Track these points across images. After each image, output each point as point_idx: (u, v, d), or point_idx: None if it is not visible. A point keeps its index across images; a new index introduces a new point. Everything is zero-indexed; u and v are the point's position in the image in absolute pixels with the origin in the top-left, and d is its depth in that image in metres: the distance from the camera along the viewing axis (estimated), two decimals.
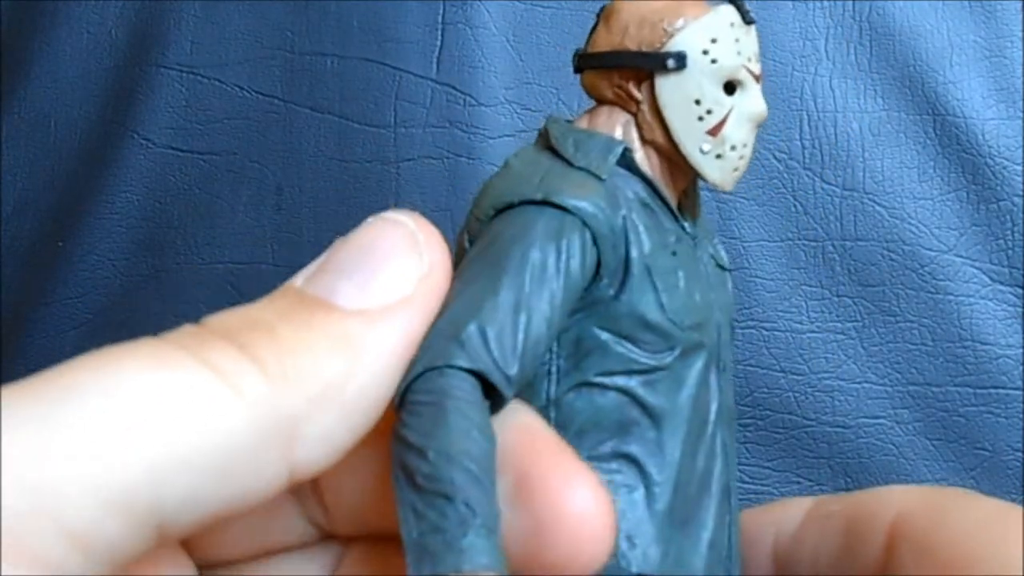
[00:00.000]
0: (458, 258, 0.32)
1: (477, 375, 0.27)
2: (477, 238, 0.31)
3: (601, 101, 0.34)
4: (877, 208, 0.67)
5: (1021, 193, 0.66)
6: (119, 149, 0.71)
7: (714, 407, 0.32)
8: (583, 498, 0.23)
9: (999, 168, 0.66)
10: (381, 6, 0.69)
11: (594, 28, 0.34)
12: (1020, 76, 0.67)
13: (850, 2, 0.67)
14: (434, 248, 0.23)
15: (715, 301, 0.33)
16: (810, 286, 0.68)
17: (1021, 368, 0.66)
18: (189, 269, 0.70)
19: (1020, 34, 0.67)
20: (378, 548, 0.26)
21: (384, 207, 0.24)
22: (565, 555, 0.23)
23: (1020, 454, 0.66)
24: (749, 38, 0.34)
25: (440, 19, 0.69)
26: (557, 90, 0.68)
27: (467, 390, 0.27)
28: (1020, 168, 0.66)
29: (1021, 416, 0.66)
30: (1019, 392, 0.66)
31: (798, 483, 0.67)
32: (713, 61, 0.33)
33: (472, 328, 0.27)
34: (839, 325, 0.67)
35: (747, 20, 0.34)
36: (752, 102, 0.33)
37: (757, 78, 0.34)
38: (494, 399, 0.27)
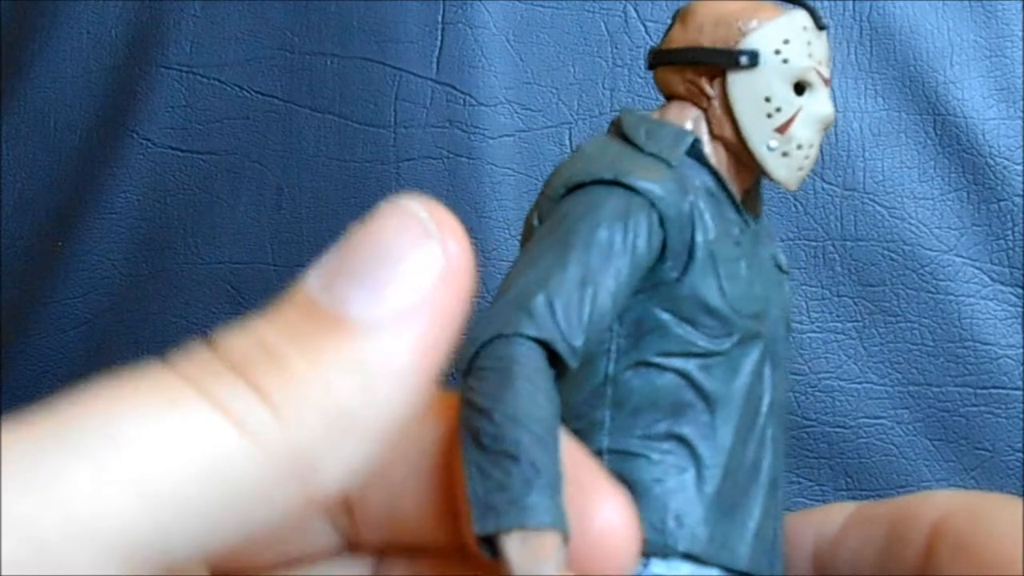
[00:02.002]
0: (526, 237, 0.33)
1: (543, 344, 0.28)
2: (546, 216, 0.32)
3: (672, 97, 0.35)
4: (877, 208, 0.67)
5: (1021, 193, 0.66)
6: (119, 149, 0.71)
7: (767, 400, 0.33)
8: (611, 512, 0.23)
9: (999, 168, 0.66)
10: (381, 6, 0.69)
11: (669, 27, 0.35)
12: (1020, 76, 0.66)
13: (850, 2, 0.67)
14: (451, 241, 0.21)
15: (774, 297, 0.34)
16: (810, 286, 0.68)
17: (1021, 368, 0.66)
18: (189, 269, 0.70)
19: (1020, 34, 0.67)
20: (410, 562, 0.25)
21: None
22: (590, 562, 0.23)
23: (1020, 454, 0.66)
24: (820, 42, 0.35)
25: (440, 19, 0.69)
26: (557, 90, 0.68)
27: (534, 357, 0.28)
28: (1020, 168, 0.66)
29: (1021, 416, 0.66)
30: (1019, 392, 0.66)
31: (798, 483, 0.67)
32: (785, 61, 0.34)
33: (540, 299, 0.29)
34: (839, 325, 0.67)
35: (819, 25, 0.35)
36: (820, 104, 0.34)
37: (826, 82, 0.35)
38: (558, 368, 0.28)
